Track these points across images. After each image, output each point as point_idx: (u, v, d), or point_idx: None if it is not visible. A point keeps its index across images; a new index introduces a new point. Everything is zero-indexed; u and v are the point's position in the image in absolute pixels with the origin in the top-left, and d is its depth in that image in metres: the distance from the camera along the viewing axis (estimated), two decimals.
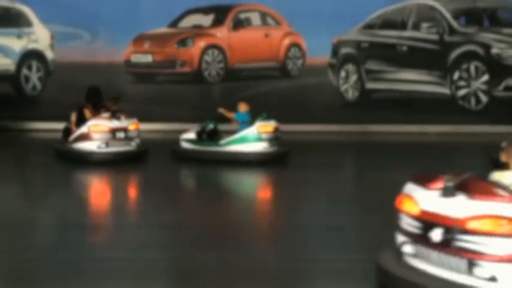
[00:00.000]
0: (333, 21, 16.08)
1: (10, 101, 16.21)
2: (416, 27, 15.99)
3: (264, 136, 10.62)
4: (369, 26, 16.32)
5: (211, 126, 11.03)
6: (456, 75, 15.78)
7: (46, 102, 16.26)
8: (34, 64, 16.48)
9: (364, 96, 16.35)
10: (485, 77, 15.64)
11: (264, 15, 16.60)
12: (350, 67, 16.41)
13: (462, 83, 15.82)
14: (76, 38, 16.49)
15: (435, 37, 15.85)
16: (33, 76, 16.51)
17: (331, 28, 16.10)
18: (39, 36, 16.42)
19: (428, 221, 3.96)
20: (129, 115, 11.11)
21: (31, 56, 16.44)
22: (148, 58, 16.31)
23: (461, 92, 15.89)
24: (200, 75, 16.24)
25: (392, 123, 15.96)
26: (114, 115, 10.73)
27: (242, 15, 16.51)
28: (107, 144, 10.55)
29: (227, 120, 11.25)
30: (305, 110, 16.11)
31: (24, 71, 16.46)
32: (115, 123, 10.66)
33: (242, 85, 16.36)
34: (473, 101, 15.89)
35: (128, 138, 10.77)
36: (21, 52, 16.37)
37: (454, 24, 15.77)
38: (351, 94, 16.42)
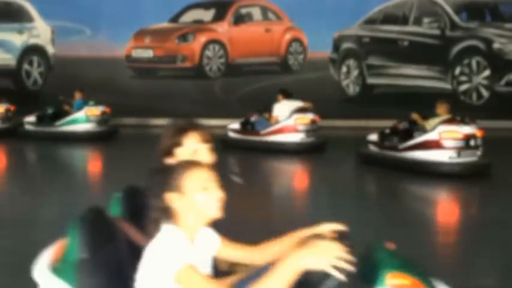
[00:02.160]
0: (334, 16, 16.06)
1: (11, 95, 16.22)
2: (417, 22, 15.95)
3: (92, 118, 12.65)
4: (370, 21, 16.29)
5: (50, 111, 12.99)
6: (458, 70, 15.76)
7: (47, 96, 16.28)
8: (35, 59, 16.50)
9: (365, 91, 16.34)
10: (487, 72, 15.62)
11: (265, 10, 16.58)
12: (351, 62, 16.40)
13: (463, 78, 15.80)
14: (77, 33, 16.49)
15: (437, 32, 15.82)
16: (34, 71, 16.53)
17: (333, 23, 16.08)
18: (40, 31, 16.42)
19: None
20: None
21: (32, 51, 16.45)
22: (149, 53, 16.30)
23: (463, 87, 15.87)
24: (201, 70, 16.22)
25: (393, 119, 15.92)
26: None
27: (243, 10, 16.48)
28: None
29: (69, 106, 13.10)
30: None
31: (25, 66, 16.48)
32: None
33: (243, 80, 16.36)
34: (474, 96, 15.87)
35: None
36: (22, 47, 16.39)
37: (456, 19, 15.74)
38: (352, 89, 16.41)
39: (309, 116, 11.10)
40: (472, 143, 8.70)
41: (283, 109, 11.18)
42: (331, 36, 16.37)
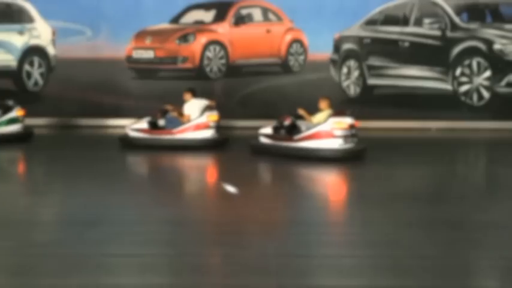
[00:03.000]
0: (335, 17, 16.06)
1: (12, 96, 16.22)
2: (418, 23, 15.95)
3: (21, 119, 13.07)
4: (371, 22, 16.28)
5: None
6: (458, 71, 15.75)
7: (48, 98, 16.29)
8: (36, 60, 16.49)
9: (366, 92, 16.33)
10: (487, 73, 15.61)
11: (265, 11, 16.58)
12: (352, 63, 16.39)
13: (464, 78, 15.79)
14: (78, 34, 16.49)
15: (437, 33, 15.82)
16: (35, 72, 16.52)
17: (333, 24, 16.07)
18: (41, 32, 16.42)
19: None
20: None
21: (33, 51, 16.44)
22: (150, 54, 16.30)
23: (464, 88, 15.86)
24: (202, 71, 16.22)
25: (394, 119, 15.95)
26: None
27: (244, 11, 16.48)
28: None
29: None
30: (307, 106, 16.06)
31: (26, 66, 16.47)
32: None
33: (244, 81, 16.35)
34: (475, 96, 15.86)
35: None
36: (23, 48, 16.38)
37: (457, 20, 15.73)
38: (353, 90, 16.40)
39: (217, 114, 12.14)
40: (353, 131, 10.68)
41: (193, 107, 12.06)
42: (331, 37, 16.35)
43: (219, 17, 16.37)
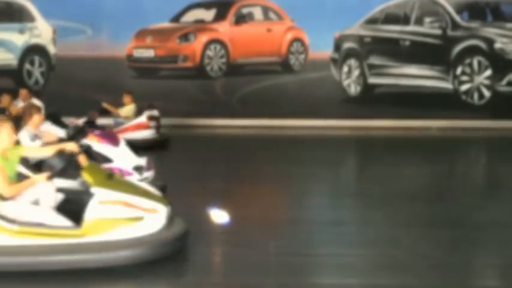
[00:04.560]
0: (336, 15, 16.06)
1: (12, 95, 16.22)
2: (419, 21, 15.94)
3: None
4: (372, 21, 16.28)
5: None
6: (459, 70, 15.75)
7: (48, 96, 16.28)
8: (36, 59, 16.51)
9: (366, 91, 16.33)
10: (488, 72, 15.61)
11: (266, 10, 16.58)
12: (352, 62, 16.39)
13: (465, 77, 15.79)
14: (78, 33, 16.50)
15: (438, 32, 15.81)
16: (36, 71, 16.54)
17: (334, 23, 16.07)
18: (42, 31, 16.43)
19: None
20: None
21: (33, 50, 16.46)
22: (150, 53, 16.30)
23: (464, 87, 15.86)
24: (202, 70, 16.22)
25: (394, 118, 15.94)
26: None
27: (244, 10, 16.48)
28: None
29: None
30: (307, 104, 16.10)
31: (27, 65, 16.49)
32: None
33: (244, 80, 16.36)
34: (476, 95, 15.86)
35: None
36: (23, 47, 16.40)
37: (457, 18, 15.72)
38: (354, 89, 16.39)
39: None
40: (158, 123, 12.27)
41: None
42: (332, 36, 16.35)
43: (220, 16, 16.37)
